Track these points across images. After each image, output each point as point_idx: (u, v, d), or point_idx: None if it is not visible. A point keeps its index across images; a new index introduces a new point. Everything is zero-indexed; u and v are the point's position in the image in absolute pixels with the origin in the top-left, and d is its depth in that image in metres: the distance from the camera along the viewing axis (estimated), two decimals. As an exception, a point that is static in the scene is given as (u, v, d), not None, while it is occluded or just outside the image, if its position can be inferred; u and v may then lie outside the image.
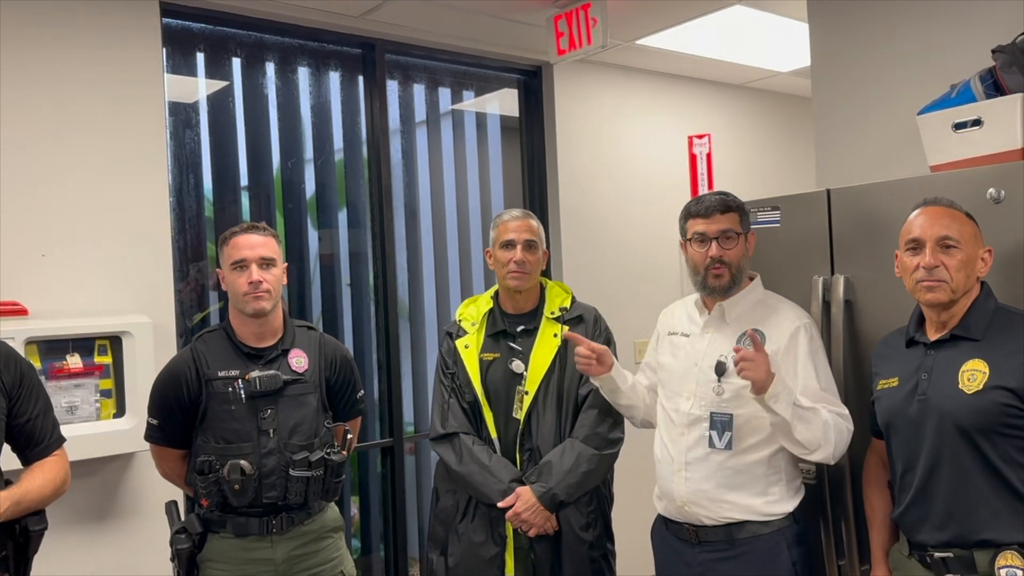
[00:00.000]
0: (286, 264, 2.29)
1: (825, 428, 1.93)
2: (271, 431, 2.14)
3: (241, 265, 2.17)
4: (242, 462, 2.10)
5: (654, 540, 2.22)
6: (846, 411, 2.01)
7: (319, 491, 2.19)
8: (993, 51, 2.17)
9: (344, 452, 2.25)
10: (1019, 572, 1.63)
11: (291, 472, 2.13)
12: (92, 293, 2.67)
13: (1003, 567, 1.65)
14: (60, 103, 2.65)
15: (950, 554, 1.71)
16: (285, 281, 2.28)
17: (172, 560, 2.18)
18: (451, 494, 2.38)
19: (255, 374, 2.14)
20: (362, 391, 2.41)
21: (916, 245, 1.79)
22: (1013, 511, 1.66)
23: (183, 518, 2.22)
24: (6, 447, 1.83)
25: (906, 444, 1.79)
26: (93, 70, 2.71)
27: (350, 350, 2.51)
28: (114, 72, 2.74)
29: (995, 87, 2.12)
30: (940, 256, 1.75)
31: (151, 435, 2.23)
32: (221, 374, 2.16)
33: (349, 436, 2.31)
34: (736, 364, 1.90)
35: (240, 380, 2.15)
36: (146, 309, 2.74)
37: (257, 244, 2.19)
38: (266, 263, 2.18)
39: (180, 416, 2.18)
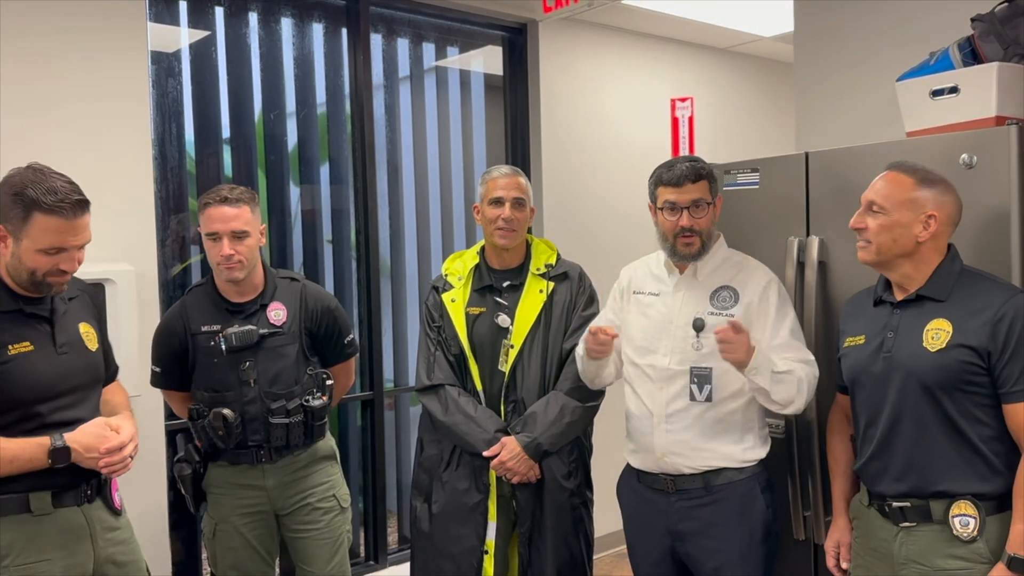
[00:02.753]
0: (263, 226, 2.36)
1: (799, 385, 2.01)
2: (251, 381, 2.28)
3: (214, 237, 2.25)
4: (225, 411, 2.25)
5: (622, 493, 2.28)
6: (812, 357, 2.09)
7: (300, 435, 2.32)
8: (972, 20, 2.20)
9: (324, 397, 2.35)
10: (971, 520, 1.72)
11: (271, 420, 2.27)
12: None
13: (957, 516, 1.73)
14: (41, 51, 2.59)
15: (907, 504, 1.79)
16: (263, 241, 2.35)
17: (177, 484, 2.39)
18: (435, 444, 2.44)
19: (232, 330, 2.26)
20: (351, 335, 2.52)
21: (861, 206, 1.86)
22: (968, 463, 1.74)
23: (185, 448, 2.39)
24: None
25: (870, 399, 1.86)
26: (74, 18, 2.65)
27: (334, 297, 2.55)
28: (96, 19, 2.69)
29: (973, 55, 2.16)
30: (866, 219, 1.81)
31: (156, 381, 2.43)
32: (204, 329, 2.31)
33: (328, 383, 2.38)
34: (719, 345, 1.95)
35: (220, 335, 2.27)
36: (129, 257, 2.73)
37: (229, 217, 2.24)
38: (238, 236, 2.24)
39: (176, 365, 2.37)
